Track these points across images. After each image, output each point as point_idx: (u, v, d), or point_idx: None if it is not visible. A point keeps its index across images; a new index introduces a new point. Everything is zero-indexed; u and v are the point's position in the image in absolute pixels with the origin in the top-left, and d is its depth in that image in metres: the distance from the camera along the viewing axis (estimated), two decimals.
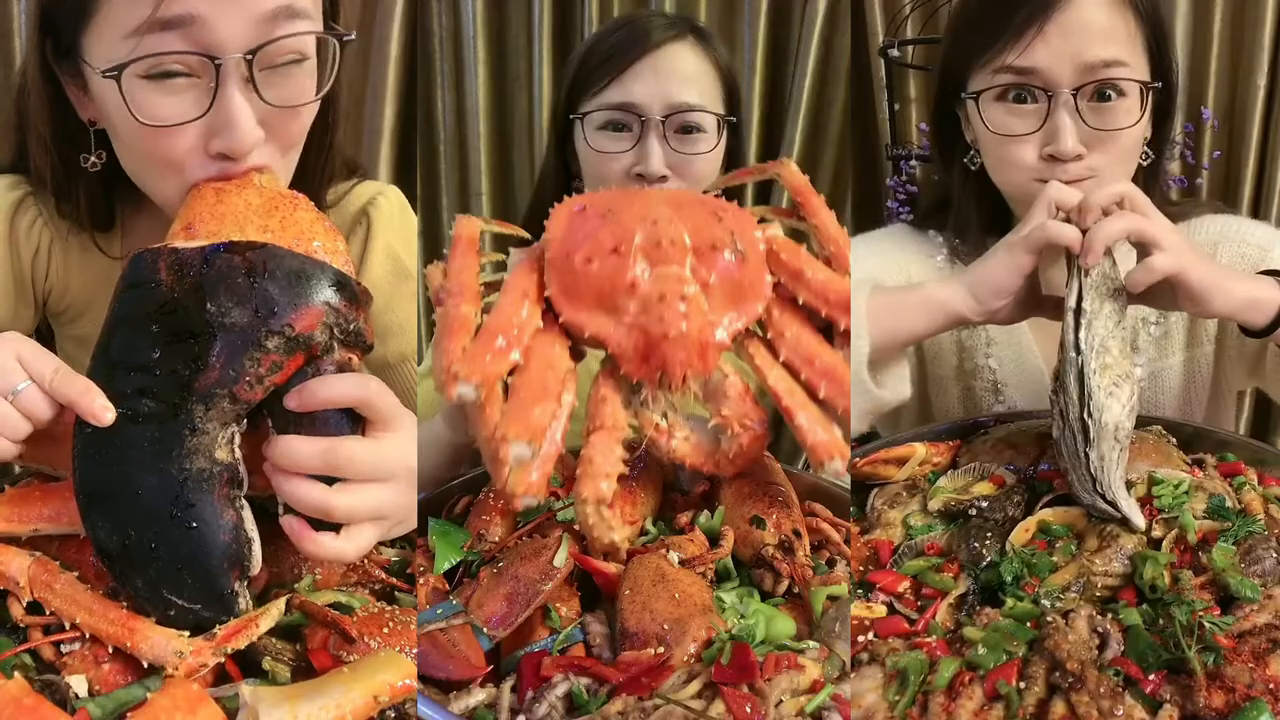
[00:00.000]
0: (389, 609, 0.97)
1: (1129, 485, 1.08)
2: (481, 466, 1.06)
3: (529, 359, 0.92)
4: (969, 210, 1.43)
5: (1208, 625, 0.87)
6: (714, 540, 1.04)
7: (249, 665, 0.91)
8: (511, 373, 0.92)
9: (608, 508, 0.93)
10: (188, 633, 0.88)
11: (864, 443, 1.26)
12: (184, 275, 0.92)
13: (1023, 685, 0.85)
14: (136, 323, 0.92)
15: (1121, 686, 0.83)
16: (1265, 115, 2.37)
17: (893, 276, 1.48)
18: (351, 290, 0.95)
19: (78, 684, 0.87)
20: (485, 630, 0.90)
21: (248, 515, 0.92)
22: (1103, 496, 1.03)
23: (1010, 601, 0.95)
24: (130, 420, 0.89)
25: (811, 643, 0.92)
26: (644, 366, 0.94)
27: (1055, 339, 1.13)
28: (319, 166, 1.19)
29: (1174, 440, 1.22)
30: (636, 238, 0.95)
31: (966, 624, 0.93)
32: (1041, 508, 1.07)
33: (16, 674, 0.84)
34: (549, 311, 0.96)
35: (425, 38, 2.61)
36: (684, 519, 1.08)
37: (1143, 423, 1.23)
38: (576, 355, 0.97)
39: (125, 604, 0.90)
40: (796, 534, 1.02)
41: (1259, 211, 2.47)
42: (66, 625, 0.90)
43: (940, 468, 1.21)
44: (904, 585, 1.01)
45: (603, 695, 0.84)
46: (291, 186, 1.06)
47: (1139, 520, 1.02)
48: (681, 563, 0.97)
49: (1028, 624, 0.91)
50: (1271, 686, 0.82)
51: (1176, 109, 1.41)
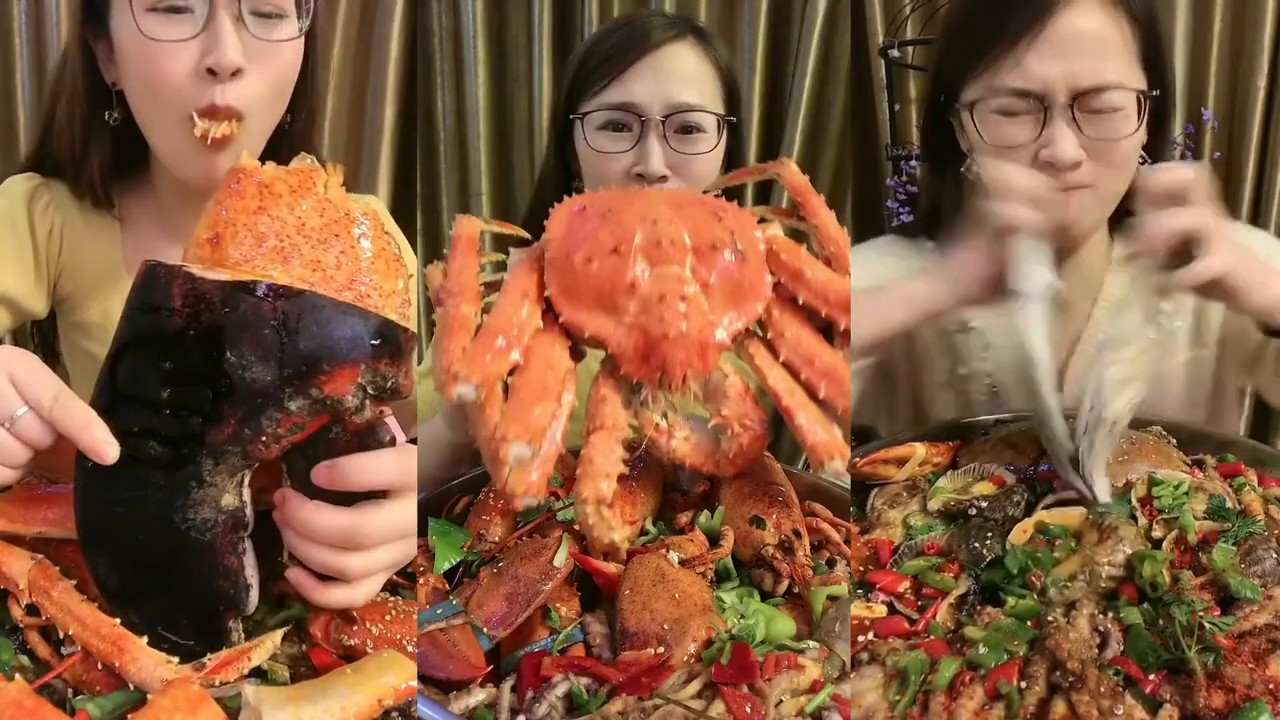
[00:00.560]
0: (391, 598, 0.97)
1: (1127, 485, 1.08)
2: (481, 466, 1.06)
3: (529, 359, 0.92)
4: (964, 217, 1.39)
5: (1208, 625, 0.87)
6: (714, 540, 1.04)
7: None
8: (511, 373, 0.92)
9: (608, 508, 0.93)
10: (177, 659, 0.86)
11: (864, 443, 1.26)
12: (201, 311, 0.83)
13: (1023, 685, 0.85)
14: (147, 352, 0.85)
15: (1122, 686, 0.83)
16: (1265, 115, 2.37)
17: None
18: (395, 343, 0.87)
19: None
20: (485, 630, 0.90)
21: (249, 560, 0.89)
22: (1082, 478, 1.06)
23: (1011, 600, 0.95)
24: (135, 461, 0.84)
25: (811, 643, 0.92)
26: (644, 366, 0.94)
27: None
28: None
29: (1174, 441, 1.22)
30: (636, 238, 0.95)
31: (967, 624, 0.93)
32: (1041, 510, 1.07)
33: (17, 676, 0.84)
34: (549, 311, 0.96)
35: (425, 38, 2.61)
36: (684, 519, 1.08)
37: (1143, 423, 1.23)
38: (576, 355, 0.97)
39: (119, 618, 0.90)
40: (796, 534, 1.02)
41: (1259, 211, 2.47)
42: (62, 633, 0.89)
43: (940, 468, 1.21)
44: (904, 585, 1.01)
45: (603, 695, 0.84)
46: None
47: (1105, 498, 1.05)
48: (681, 563, 0.97)
49: (1029, 623, 0.91)
50: (1271, 687, 0.82)
51: (1174, 112, 1.41)
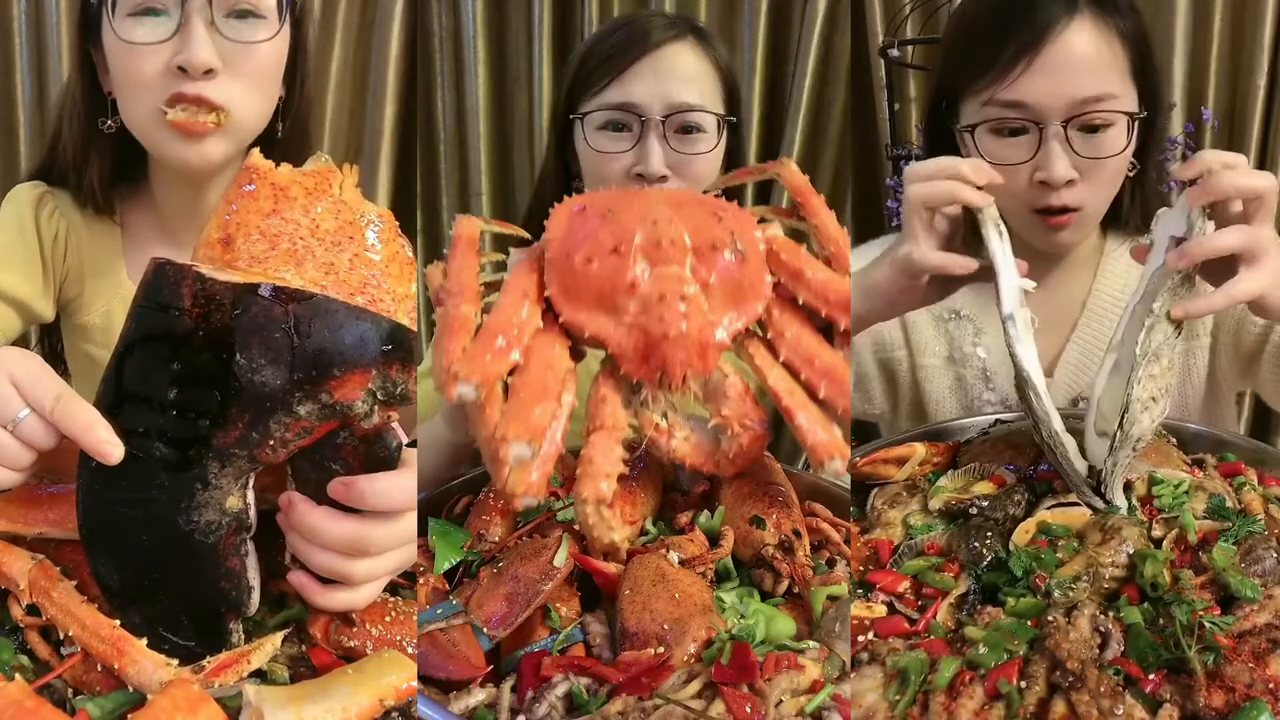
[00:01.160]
0: (391, 599, 0.97)
1: (1128, 485, 1.08)
2: (481, 466, 1.06)
3: (529, 359, 0.92)
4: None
5: (1208, 625, 0.87)
6: (714, 540, 1.04)
7: None
8: (511, 373, 0.92)
9: (608, 508, 0.93)
10: (176, 661, 0.86)
11: (864, 443, 1.26)
12: (211, 312, 0.83)
13: (1023, 684, 0.84)
14: (154, 352, 0.84)
15: (1122, 686, 0.83)
16: (1265, 115, 2.37)
17: None
18: (407, 349, 0.86)
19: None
20: (485, 630, 0.90)
21: (251, 562, 0.89)
22: (1101, 495, 1.05)
23: (1012, 600, 0.95)
24: (139, 461, 0.84)
25: (811, 643, 0.92)
26: (644, 366, 0.94)
27: (1039, 325, 1.16)
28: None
29: (1174, 440, 1.22)
30: (636, 238, 0.95)
31: (967, 623, 0.93)
32: (1044, 510, 1.07)
33: (17, 676, 0.84)
34: (549, 311, 0.96)
35: (425, 38, 2.61)
36: (684, 519, 1.08)
37: None
38: (576, 355, 0.97)
39: (119, 619, 0.90)
40: (796, 534, 1.02)
41: None
42: (62, 634, 0.89)
43: (940, 468, 1.21)
44: (904, 585, 1.01)
45: (603, 695, 0.84)
46: None
47: (1123, 510, 1.05)
48: (681, 563, 0.97)
49: (1029, 623, 0.91)
50: (1271, 686, 0.82)
51: (1165, 125, 1.46)
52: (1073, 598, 0.93)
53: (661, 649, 0.87)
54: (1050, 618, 0.89)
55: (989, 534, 1.03)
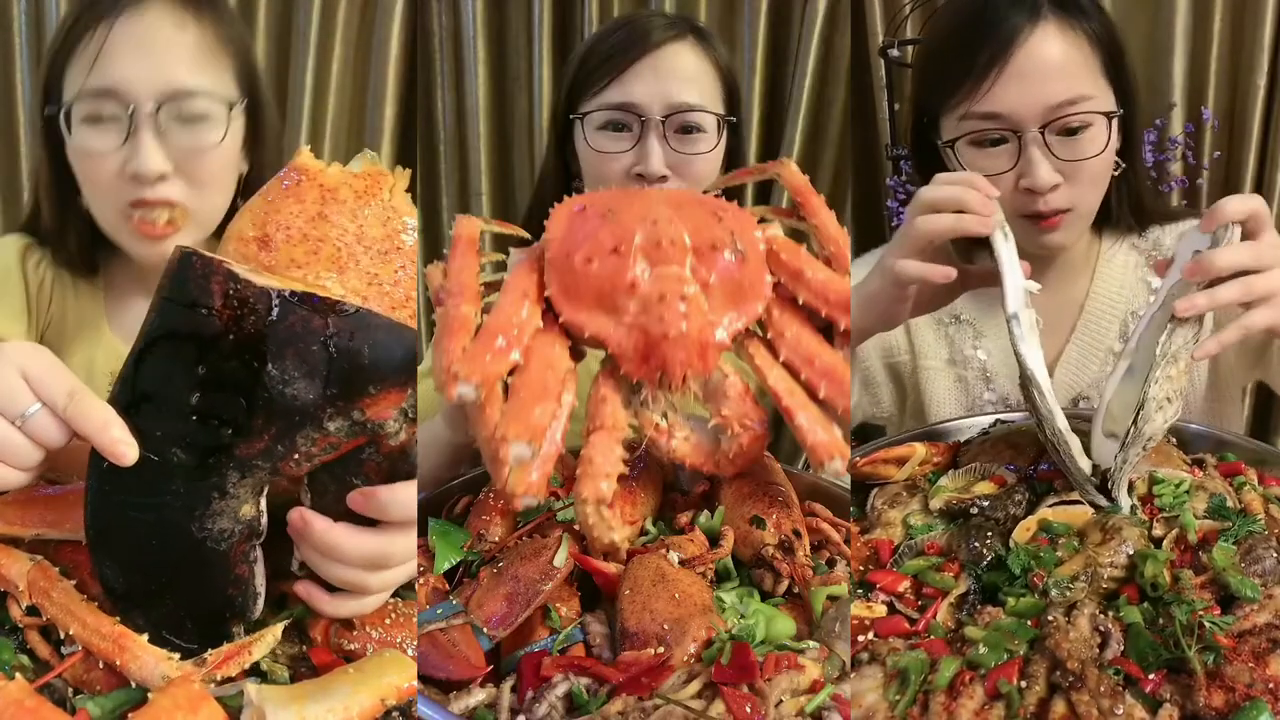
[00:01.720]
0: (391, 601, 0.97)
1: (1130, 486, 1.08)
2: (481, 466, 1.06)
3: (529, 359, 0.92)
4: None
5: (1208, 625, 0.87)
6: (714, 540, 1.04)
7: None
8: (511, 373, 0.92)
9: (608, 508, 0.93)
10: (178, 656, 0.86)
11: (864, 443, 1.26)
12: (244, 316, 0.79)
13: (1023, 684, 0.84)
14: (177, 351, 0.80)
15: (1121, 686, 0.83)
16: (1265, 115, 2.37)
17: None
18: None
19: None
20: (485, 630, 0.90)
21: (259, 569, 0.88)
22: (1106, 494, 1.06)
23: (1012, 600, 0.95)
24: (154, 465, 0.81)
25: (811, 643, 0.92)
26: (644, 366, 0.94)
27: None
28: None
29: (1174, 440, 1.22)
30: (636, 238, 0.95)
31: (967, 623, 0.93)
32: (1046, 508, 1.07)
33: (17, 676, 0.84)
34: (549, 311, 0.96)
35: (425, 38, 2.61)
36: (684, 519, 1.08)
37: None
38: (576, 355, 0.97)
39: (119, 617, 0.90)
40: (796, 534, 1.02)
41: None
42: (63, 633, 0.89)
43: (940, 467, 1.21)
44: (904, 585, 1.01)
45: (603, 695, 0.84)
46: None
47: (1127, 510, 1.05)
48: (681, 563, 0.97)
49: (1029, 622, 0.91)
50: (1271, 686, 0.82)
51: (1140, 121, 1.46)
52: (1070, 597, 0.93)
53: (661, 649, 0.87)
54: (1050, 617, 0.89)
55: (989, 534, 1.03)
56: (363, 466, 0.85)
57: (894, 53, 2.44)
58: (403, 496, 0.86)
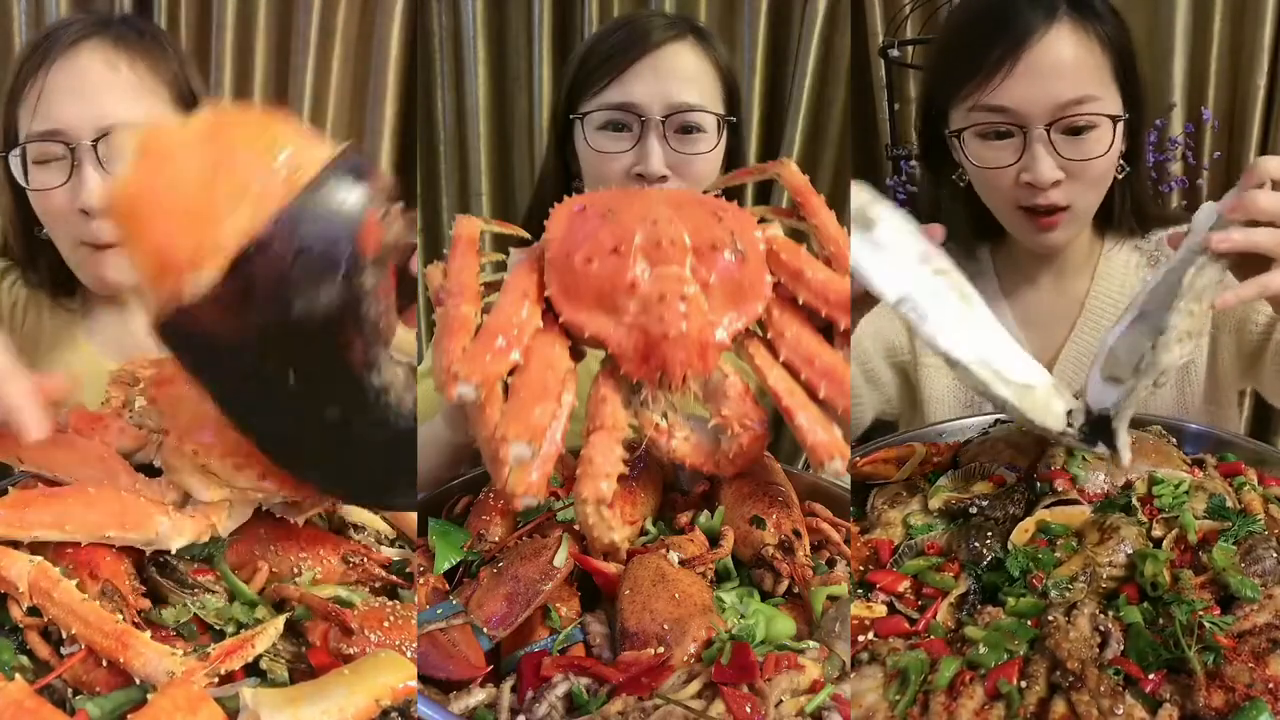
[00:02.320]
0: (389, 603, 0.98)
1: (1128, 485, 1.08)
2: (481, 466, 1.06)
3: (529, 359, 0.92)
4: (959, 219, 1.49)
5: (1208, 625, 0.87)
6: (714, 540, 1.04)
7: (248, 664, 0.91)
8: (511, 373, 0.92)
9: (608, 508, 0.93)
10: (180, 652, 0.87)
11: (864, 442, 1.27)
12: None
13: (1024, 684, 0.85)
14: None
15: (1121, 686, 0.83)
16: (1265, 115, 2.37)
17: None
18: None
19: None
20: (485, 630, 0.90)
21: None
22: (1099, 438, 1.03)
23: (1012, 600, 0.95)
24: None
25: (811, 643, 0.92)
26: (644, 366, 0.94)
27: (1036, 323, 1.32)
28: None
29: (1174, 440, 1.22)
30: (636, 238, 0.95)
31: (967, 623, 0.93)
32: (1042, 509, 1.07)
33: (17, 676, 0.84)
34: (549, 311, 0.96)
35: (425, 38, 2.61)
36: (684, 519, 1.08)
37: (1143, 423, 1.24)
38: (576, 355, 0.97)
39: (121, 614, 0.90)
40: (796, 534, 1.02)
41: None
42: (64, 633, 0.90)
43: (940, 468, 1.21)
44: (904, 585, 1.01)
45: (603, 695, 0.84)
46: None
47: (1126, 456, 1.03)
48: (681, 563, 0.97)
49: (1029, 622, 0.91)
50: (1271, 686, 0.82)
51: (1148, 125, 1.50)
52: (1069, 598, 0.93)
53: (661, 649, 0.87)
54: (1050, 617, 0.89)
55: (989, 534, 1.03)
56: None
57: (894, 53, 2.44)
58: None
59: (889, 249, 1.04)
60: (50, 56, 1.37)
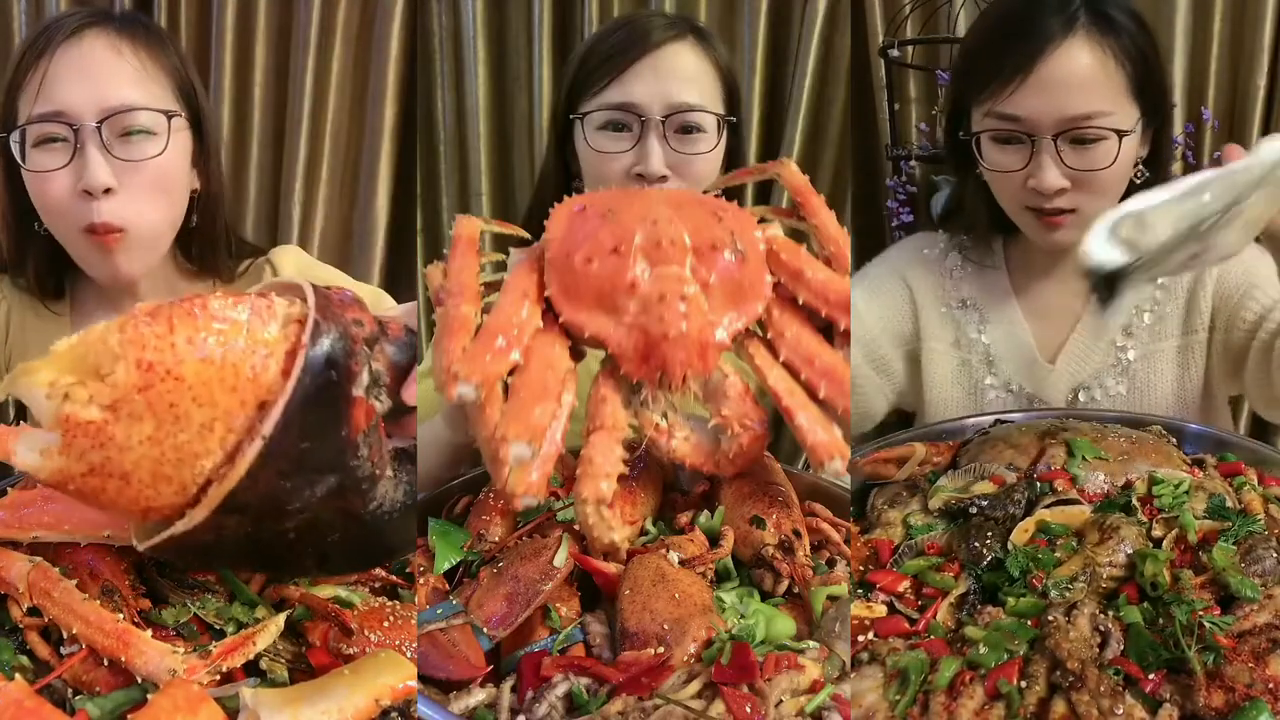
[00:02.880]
0: (389, 604, 0.97)
1: (1127, 485, 1.08)
2: (481, 466, 1.06)
3: (529, 359, 0.92)
4: (978, 213, 1.56)
5: (1208, 625, 0.87)
6: (714, 540, 1.04)
7: (248, 663, 0.91)
8: (511, 373, 0.92)
9: (608, 508, 0.93)
10: (182, 649, 0.86)
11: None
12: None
13: (1024, 684, 0.85)
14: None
15: (1121, 686, 0.83)
16: (1265, 115, 2.37)
17: (886, 279, 1.64)
18: None
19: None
20: (485, 630, 0.90)
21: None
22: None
23: (1012, 600, 0.95)
24: None
25: (811, 643, 0.92)
26: (644, 366, 0.94)
27: (1044, 316, 1.39)
28: (211, 245, 1.52)
29: (1174, 440, 1.22)
30: (636, 238, 0.95)
31: (967, 623, 0.93)
32: (1042, 509, 1.07)
33: (17, 676, 0.84)
34: (549, 311, 0.96)
35: (425, 38, 2.61)
36: (684, 519, 1.08)
37: (1142, 423, 1.24)
38: (576, 355, 0.97)
39: (121, 614, 0.90)
40: (796, 534, 1.02)
41: None
42: (64, 633, 0.89)
43: (940, 467, 1.21)
44: (904, 585, 1.01)
45: (603, 695, 0.84)
46: (195, 265, 1.52)
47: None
48: (681, 563, 0.97)
49: (1029, 622, 0.91)
50: (1271, 686, 0.82)
51: (1170, 133, 1.51)
52: (1069, 598, 0.93)
53: (661, 649, 0.87)
54: (1050, 617, 0.89)
55: (989, 534, 1.03)
56: None
57: (894, 53, 2.44)
58: None
59: None
60: (54, 43, 1.37)
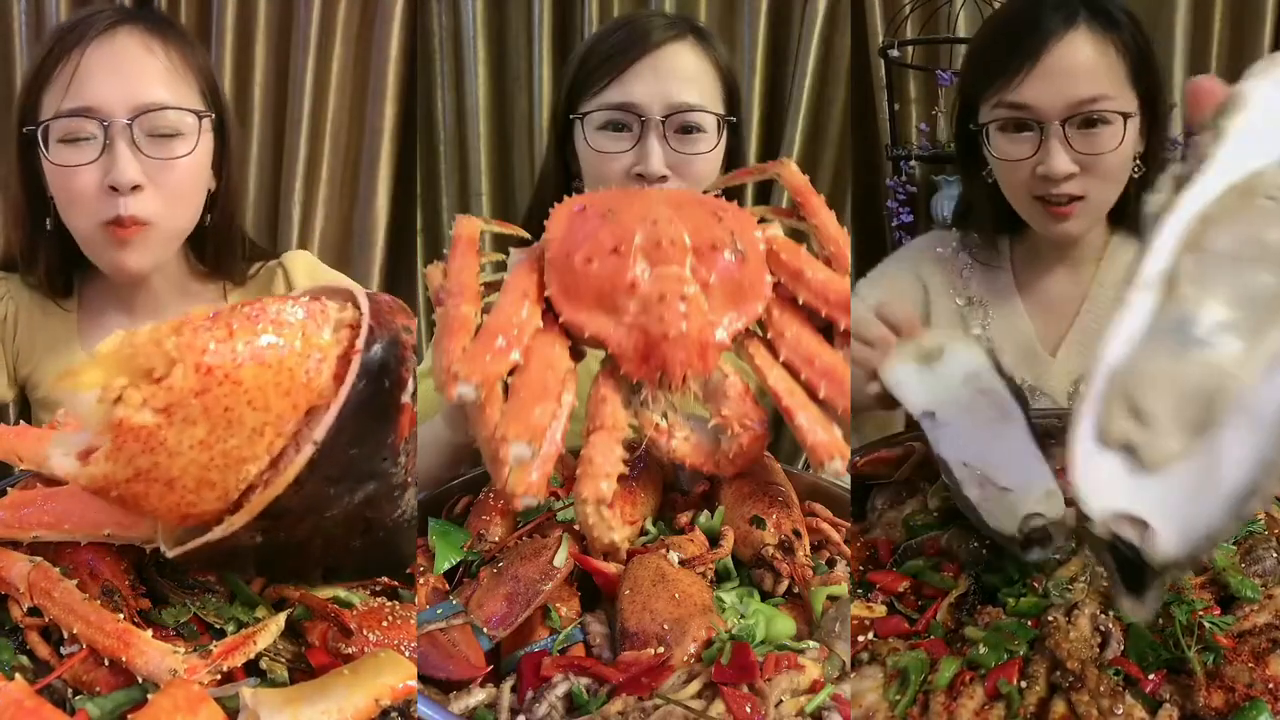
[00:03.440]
0: (389, 603, 0.97)
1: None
2: (481, 466, 1.06)
3: (529, 359, 0.92)
4: (985, 213, 1.61)
5: (1208, 625, 0.87)
6: (714, 540, 1.04)
7: (248, 663, 0.91)
8: (511, 373, 0.92)
9: (608, 508, 0.93)
10: (182, 649, 0.86)
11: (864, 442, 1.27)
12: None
13: (1024, 684, 0.85)
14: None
15: (1121, 686, 0.83)
16: None
17: (903, 276, 1.68)
18: None
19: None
20: (485, 630, 0.90)
21: None
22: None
23: (1012, 600, 0.95)
24: None
25: (811, 643, 0.92)
26: (644, 366, 0.94)
27: (1046, 309, 1.45)
28: (227, 246, 1.53)
29: None
30: (636, 238, 0.95)
31: (967, 624, 0.93)
32: None
33: (17, 676, 0.84)
34: (549, 311, 0.96)
35: (425, 38, 2.61)
36: (684, 519, 1.08)
37: None
38: (576, 355, 0.97)
39: (122, 613, 0.90)
40: (796, 534, 1.02)
41: None
42: (65, 633, 0.89)
43: None
44: (904, 585, 1.01)
45: (603, 695, 0.84)
46: (208, 265, 1.53)
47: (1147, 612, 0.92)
48: (681, 563, 0.97)
49: (1029, 623, 0.91)
50: (1271, 686, 0.82)
51: (1168, 123, 1.56)
52: (1070, 599, 0.93)
53: (661, 649, 0.87)
54: (1050, 618, 0.89)
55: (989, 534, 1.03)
56: None
57: (894, 53, 2.44)
58: None
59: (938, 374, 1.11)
60: (86, 38, 1.37)
